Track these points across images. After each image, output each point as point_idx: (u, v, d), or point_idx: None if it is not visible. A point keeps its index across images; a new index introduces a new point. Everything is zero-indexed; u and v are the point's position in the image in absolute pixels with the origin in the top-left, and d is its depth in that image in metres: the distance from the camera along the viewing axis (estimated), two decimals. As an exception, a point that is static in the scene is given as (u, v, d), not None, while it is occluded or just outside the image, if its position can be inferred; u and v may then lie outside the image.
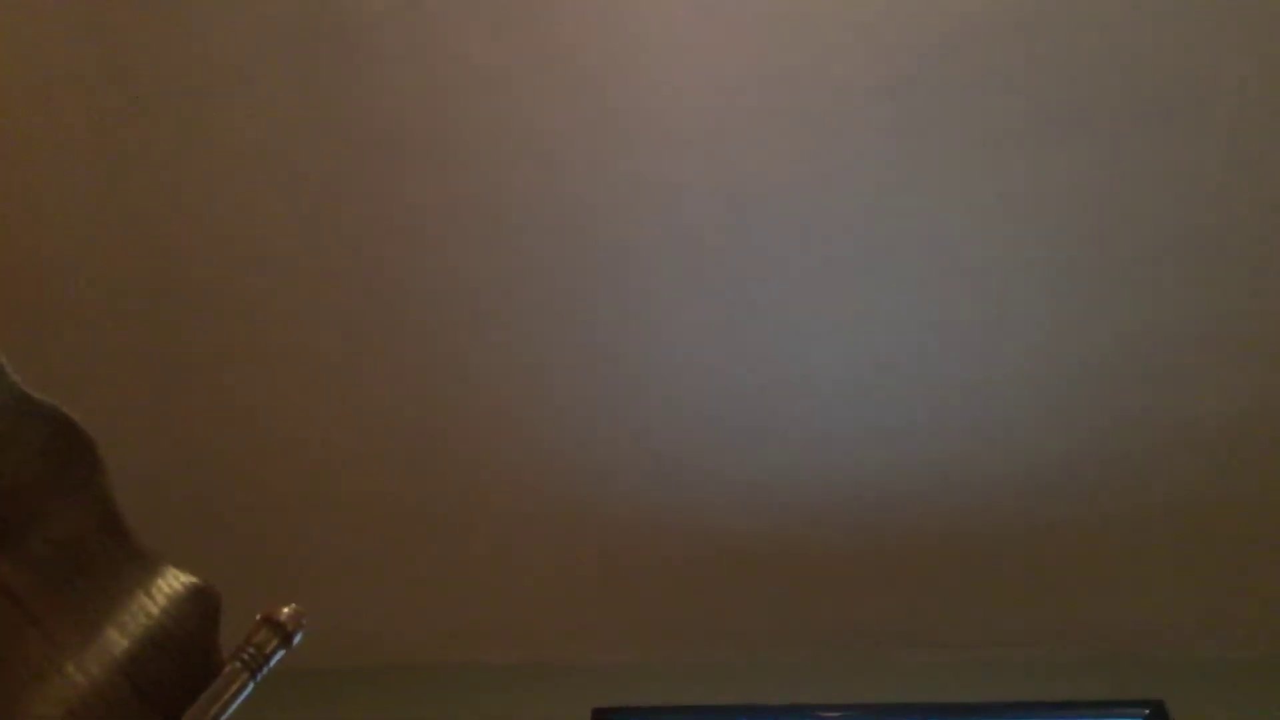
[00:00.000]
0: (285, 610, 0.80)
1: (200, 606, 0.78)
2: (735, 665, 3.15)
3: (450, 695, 3.17)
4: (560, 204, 2.49)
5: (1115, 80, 2.26)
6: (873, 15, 2.21)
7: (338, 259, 2.59)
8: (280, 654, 0.79)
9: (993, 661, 3.08)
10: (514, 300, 2.63)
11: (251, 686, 0.77)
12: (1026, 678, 3.04)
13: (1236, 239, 2.45)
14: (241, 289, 2.64)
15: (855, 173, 2.41)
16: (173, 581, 0.78)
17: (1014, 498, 2.87)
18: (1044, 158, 2.36)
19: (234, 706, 0.75)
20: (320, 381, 2.78)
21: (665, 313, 2.64)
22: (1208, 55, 2.21)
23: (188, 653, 0.75)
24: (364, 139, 2.42)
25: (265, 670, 0.78)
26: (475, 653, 3.23)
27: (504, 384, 2.77)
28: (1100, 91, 2.27)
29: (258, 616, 0.79)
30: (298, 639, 0.80)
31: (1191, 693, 2.94)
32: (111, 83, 2.38)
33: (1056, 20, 2.19)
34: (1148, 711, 2.93)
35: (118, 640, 0.72)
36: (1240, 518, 2.86)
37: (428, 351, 2.72)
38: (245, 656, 0.77)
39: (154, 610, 0.75)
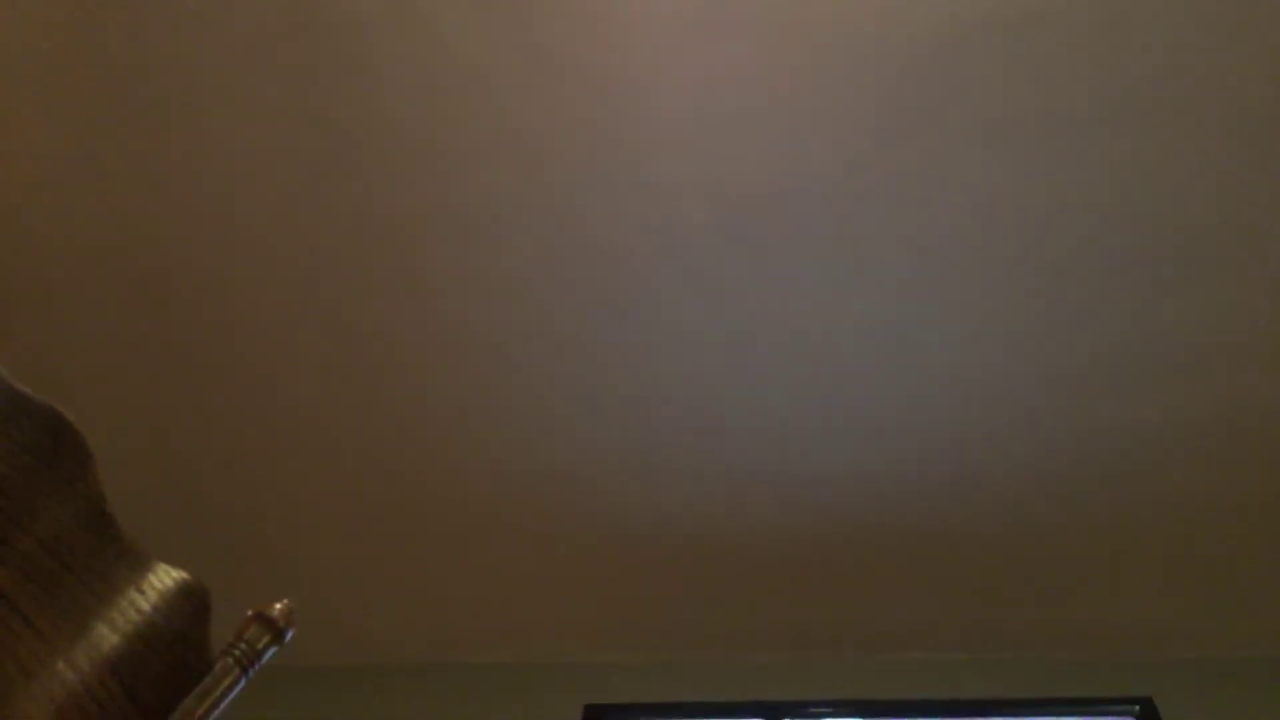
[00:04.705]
0: (277, 606, 0.80)
1: (190, 603, 0.78)
2: (727, 663, 3.16)
3: (444, 693, 3.17)
4: (551, 205, 2.49)
5: (1105, 82, 2.27)
6: (865, 16, 2.21)
7: (328, 258, 2.59)
8: (272, 650, 0.79)
9: (983, 661, 3.09)
10: (506, 300, 2.63)
11: (243, 683, 0.76)
12: (1017, 676, 3.05)
13: (1224, 242, 2.46)
14: (232, 285, 2.64)
15: (845, 175, 2.41)
16: (163, 578, 0.78)
17: (1002, 499, 2.88)
18: (1031, 160, 2.37)
19: (225, 703, 0.75)
20: (310, 380, 2.78)
21: (657, 314, 2.64)
22: (1200, 58, 2.22)
23: (178, 649, 0.75)
24: (354, 138, 2.42)
25: (256, 667, 0.77)
26: (469, 651, 3.22)
27: (496, 384, 2.77)
28: (1089, 94, 2.28)
29: (249, 612, 0.79)
30: (289, 635, 0.80)
31: (1180, 691, 2.95)
32: (102, 81, 2.37)
33: (1046, 23, 2.20)
34: (1137, 709, 2.94)
35: (108, 637, 0.71)
36: (1227, 519, 2.88)
37: (418, 350, 2.71)
38: (236, 653, 0.76)
39: (144, 607, 0.75)
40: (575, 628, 3.20)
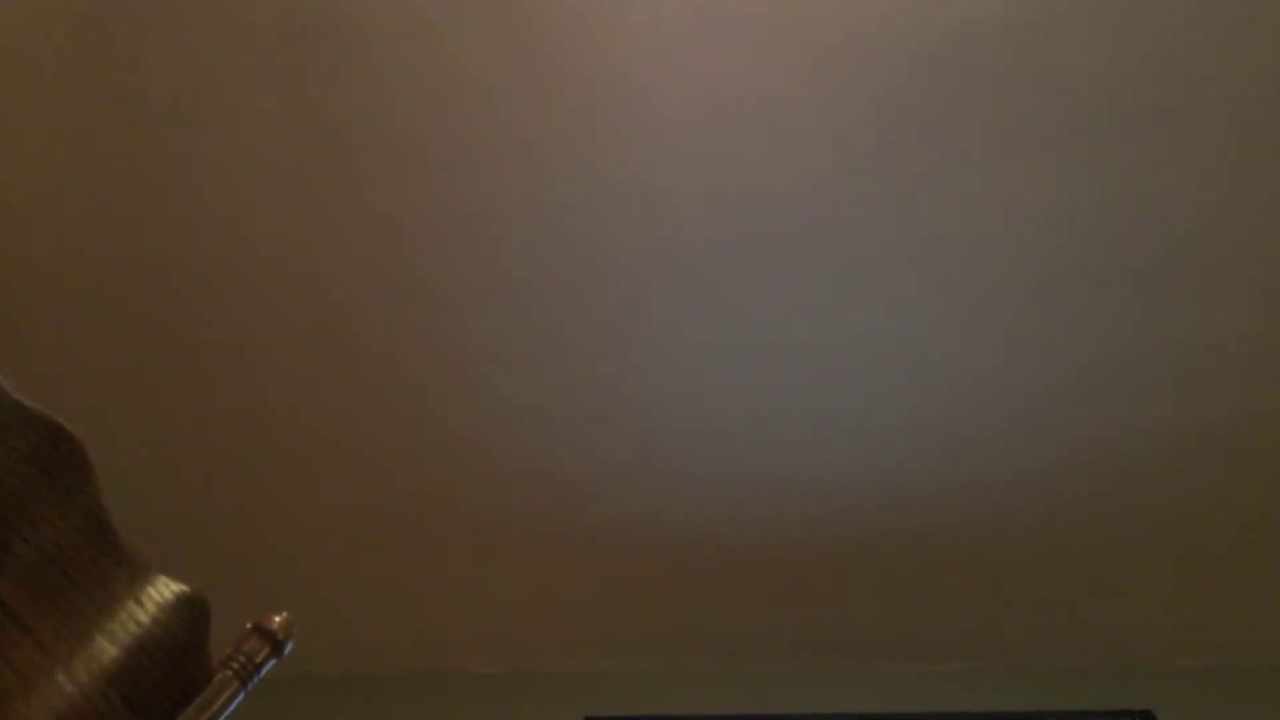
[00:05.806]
0: (276, 618, 0.79)
1: (190, 614, 0.77)
2: (727, 674, 3.15)
3: (443, 704, 3.16)
4: (551, 208, 2.49)
5: (1107, 89, 2.27)
6: (867, 22, 2.21)
7: (328, 263, 2.59)
8: (271, 663, 0.78)
9: (983, 671, 3.09)
10: (506, 304, 2.63)
11: (242, 695, 0.76)
12: (1017, 687, 3.05)
13: (1225, 250, 2.46)
14: (232, 292, 2.63)
15: (847, 181, 2.41)
16: (163, 589, 0.77)
17: (1002, 506, 2.88)
18: (1032, 165, 2.37)
19: (224, 715, 0.74)
20: (311, 388, 2.77)
21: (657, 317, 2.64)
22: (1201, 67, 2.22)
23: (177, 661, 0.75)
24: (354, 142, 2.42)
25: (256, 679, 0.77)
26: (468, 661, 3.22)
27: (496, 389, 2.76)
28: (1091, 100, 2.28)
29: (248, 624, 0.79)
30: (289, 648, 0.79)
31: (1180, 702, 2.94)
32: (104, 86, 2.37)
33: (1047, 29, 2.20)
34: (1137, 720, 2.94)
35: (107, 648, 0.71)
36: (1228, 526, 2.87)
37: (419, 357, 2.71)
38: (235, 665, 0.76)
39: (143, 618, 0.74)
40: (576, 636, 3.19)
